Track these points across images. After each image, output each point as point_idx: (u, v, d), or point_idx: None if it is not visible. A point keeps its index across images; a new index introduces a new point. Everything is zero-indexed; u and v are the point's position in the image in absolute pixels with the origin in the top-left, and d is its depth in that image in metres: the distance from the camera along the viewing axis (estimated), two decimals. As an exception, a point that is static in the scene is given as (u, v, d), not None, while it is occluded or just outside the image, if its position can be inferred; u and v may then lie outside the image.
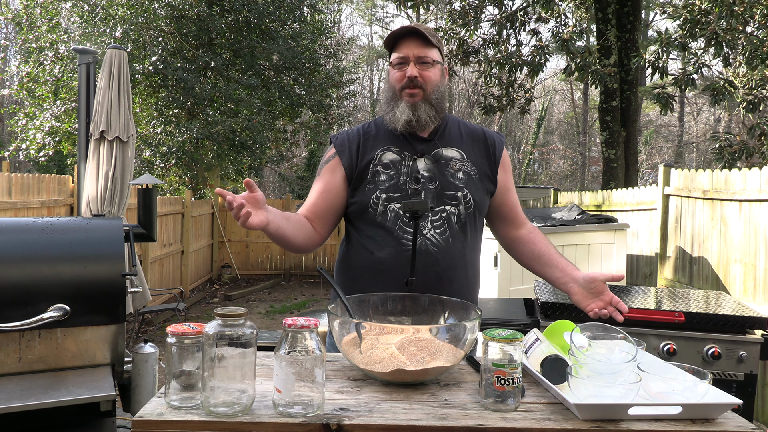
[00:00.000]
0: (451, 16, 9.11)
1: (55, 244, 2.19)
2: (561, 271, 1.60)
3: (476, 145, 1.72)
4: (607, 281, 1.50)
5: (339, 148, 1.69)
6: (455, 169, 1.65)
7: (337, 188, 1.66)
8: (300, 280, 11.00)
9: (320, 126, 11.87)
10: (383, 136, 1.68)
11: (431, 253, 1.59)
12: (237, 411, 1.03)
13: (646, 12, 19.77)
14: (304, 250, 1.61)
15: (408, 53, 1.61)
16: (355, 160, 1.66)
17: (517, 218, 1.77)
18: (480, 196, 1.66)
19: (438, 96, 1.65)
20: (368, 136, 1.69)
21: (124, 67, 3.66)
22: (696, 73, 6.85)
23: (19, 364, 2.05)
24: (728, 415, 1.09)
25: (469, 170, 1.67)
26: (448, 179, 1.64)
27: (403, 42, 1.62)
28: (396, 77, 1.64)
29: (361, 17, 26.56)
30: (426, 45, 1.62)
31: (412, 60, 1.61)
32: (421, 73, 1.61)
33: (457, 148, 1.68)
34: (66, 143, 9.46)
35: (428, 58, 1.62)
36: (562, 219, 4.99)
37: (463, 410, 1.08)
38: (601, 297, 1.49)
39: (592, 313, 1.48)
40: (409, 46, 1.61)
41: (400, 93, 1.63)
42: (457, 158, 1.67)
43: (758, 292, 3.92)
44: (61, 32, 8.99)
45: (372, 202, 1.61)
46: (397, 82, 1.64)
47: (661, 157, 21.77)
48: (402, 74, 1.62)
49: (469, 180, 1.66)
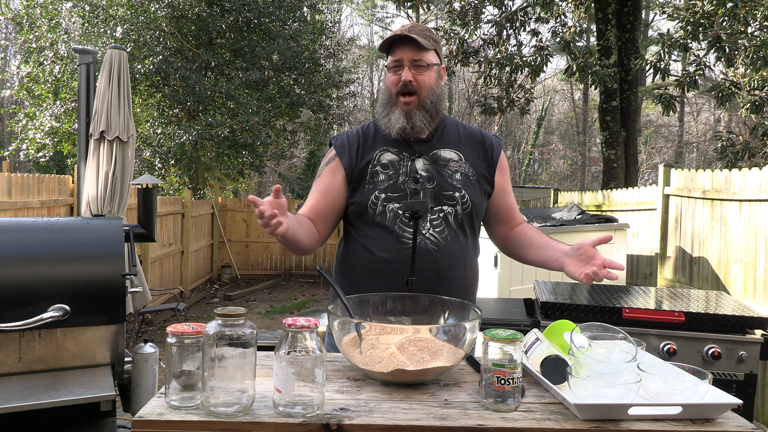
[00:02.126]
0: (450, 16, 9.11)
1: (55, 244, 2.19)
2: (552, 249, 1.60)
3: (474, 147, 1.72)
4: (594, 245, 1.47)
5: (339, 149, 1.70)
6: (453, 170, 1.66)
7: (338, 189, 1.67)
8: (300, 280, 11.00)
9: (320, 126, 11.87)
10: (382, 137, 1.69)
11: (430, 251, 1.59)
12: (237, 411, 1.03)
13: (646, 12, 19.78)
14: (309, 251, 1.61)
15: (402, 56, 1.61)
16: (354, 161, 1.67)
17: (513, 219, 1.78)
18: (477, 198, 1.67)
19: (433, 100, 1.65)
20: (367, 137, 1.71)
21: (124, 67, 3.65)
22: (698, 74, 6.86)
23: (19, 364, 2.05)
24: (728, 415, 1.09)
25: (467, 171, 1.68)
26: (446, 180, 1.64)
27: (399, 44, 1.62)
28: (392, 81, 1.64)
29: (361, 17, 26.56)
30: (421, 48, 1.61)
31: (407, 64, 1.61)
32: (415, 77, 1.61)
33: (455, 150, 1.69)
34: (66, 143, 9.46)
35: (423, 62, 1.62)
36: (562, 219, 4.99)
37: (463, 410, 1.08)
38: (593, 262, 1.46)
39: (584, 276, 1.42)
40: (404, 50, 1.61)
41: (396, 98, 1.64)
42: (455, 159, 1.68)
43: (758, 292, 3.92)
44: (61, 32, 8.99)
45: (371, 203, 1.62)
46: (392, 86, 1.64)
47: (661, 157, 21.77)
48: (397, 78, 1.63)
49: (467, 181, 1.66)
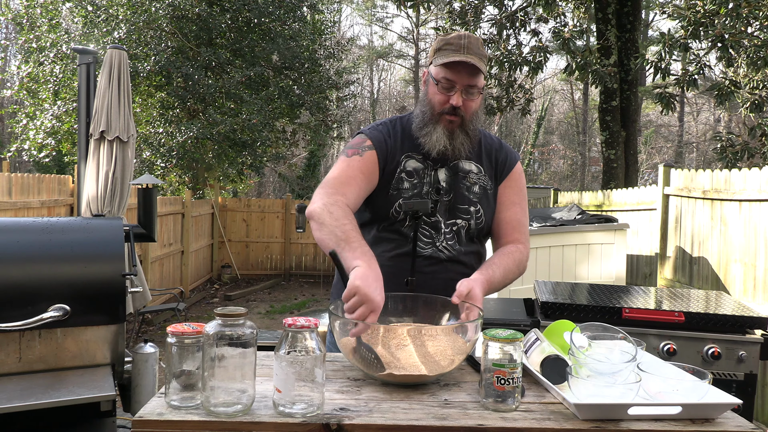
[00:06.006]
0: (451, 16, 9.12)
1: (55, 244, 2.19)
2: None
3: (489, 158, 1.70)
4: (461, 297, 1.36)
5: (376, 143, 1.63)
6: (471, 183, 1.64)
7: (375, 179, 1.61)
8: (300, 280, 11.00)
9: (320, 127, 11.88)
10: (406, 141, 1.65)
11: (441, 261, 1.60)
12: (237, 411, 1.03)
13: (646, 12, 19.77)
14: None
15: (457, 80, 1.54)
16: (385, 162, 1.62)
17: (506, 236, 1.67)
18: (491, 213, 1.66)
19: (474, 125, 1.61)
20: (396, 139, 1.66)
21: (124, 67, 3.66)
22: (698, 73, 6.85)
23: (19, 364, 2.05)
24: (728, 415, 1.09)
25: (485, 185, 1.66)
26: (462, 192, 1.63)
27: (456, 64, 1.53)
28: (439, 100, 1.57)
29: (361, 17, 26.57)
30: (477, 73, 1.55)
31: (460, 88, 1.55)
32: (465, 102, 1.56)
33: (476, 162, 1.67)
34: (66, 143, 9.47)
35: (476, 87, 1.56)
36: (562, 219, 4.99)
37: (463, 410, 1.08)
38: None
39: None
40: (460, 73, 1.53)
41: (439, 116, 1.58)
42: (475, 172, 1.66)
43: (758, 292, 3.92)
44: (61, 32, 8.99)
45: (394, 210, 1.60)
46: (438, 105, 1.58)
47: (661, 157, 21.76)
48: (445, 98, 1.56)
49: (484, 195, 1.65)
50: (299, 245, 11.23)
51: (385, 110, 24.83)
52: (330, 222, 1.40)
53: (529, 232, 1.73)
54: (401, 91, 26.46)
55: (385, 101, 25.94)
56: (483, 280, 1.41)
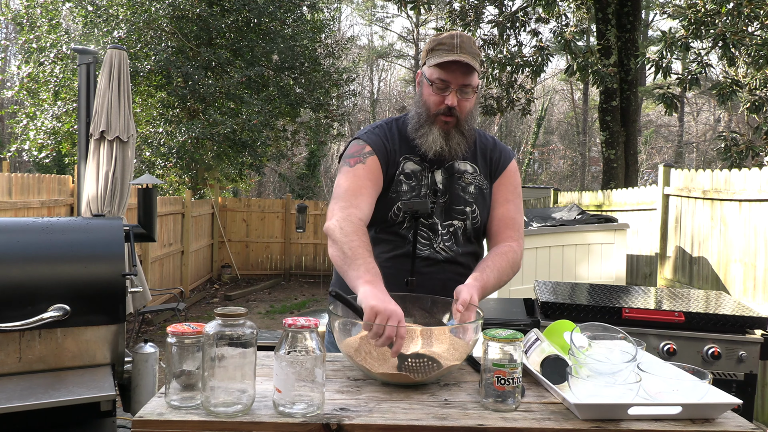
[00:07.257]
0: (451, 16, 9.12)
1: (55, 244, 2.19)
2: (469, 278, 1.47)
3: (485, 157, 1.70)
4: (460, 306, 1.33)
5: (376, 148, 1.62)
6: (467, 183, 1.64)
7: (380, 184, 1.61)
8: (300, 280, 11.00)
9: (320, 126, 11.88)
10: (403, 143, 1.65)
11: (439, 262, 1.60)
12: (237, 411, 1.03)
13: (646, 12, 19.77)
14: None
15: (451, 80, 1.54)
16: (386, 165, 1.62)
17: (500, 233, 1.65)
18: (487, 212, 1.66)
19: (470, 124, 1.61)
20: (394, 141, 1.66)
21: (124, 67, 3.66)
22: (700, 73, 6.85)
23: (19, 364, 2.05)
24: (728, 415, 1.09)
25: (481, 184, 1.66)
26: (458, 193, 1.63)
27: (450, 64, 1.53)
28: (434, 101, 1.57)
29: (361, 17, 26.56)
30: (471, 71, 1.55)
31: (455, 88, 1.54)
32: (460, 102, 1.55)
33: (471, 162, 1.67)
34: (66, 143, 9.47)
35: (470, 87, 1.56)
36: (562, 219, 4.99)
37: (463, 410, 1.08)
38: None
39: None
40: (454, 72, 1.53)
41: (434, 117, 1.58)
42: (470, 172, 1.66)
43: (758, 292, 3.92)
44: (61, 32, 8.99)
45: (393, 213, 1.60)
46: (433, 105, 1.57)
47: (661, 157, 21.76)
48: (440, 99, 1.56)
49: (479, 195, 1.65)
50: (299, 245, 11.23)
51: (385, 110, 24.82)
52: (340, 238, 1.42)
53: (523, 229, 1.72)
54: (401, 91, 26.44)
55: (385, 101, 25.93)
56: (479, 287, 1.41)
